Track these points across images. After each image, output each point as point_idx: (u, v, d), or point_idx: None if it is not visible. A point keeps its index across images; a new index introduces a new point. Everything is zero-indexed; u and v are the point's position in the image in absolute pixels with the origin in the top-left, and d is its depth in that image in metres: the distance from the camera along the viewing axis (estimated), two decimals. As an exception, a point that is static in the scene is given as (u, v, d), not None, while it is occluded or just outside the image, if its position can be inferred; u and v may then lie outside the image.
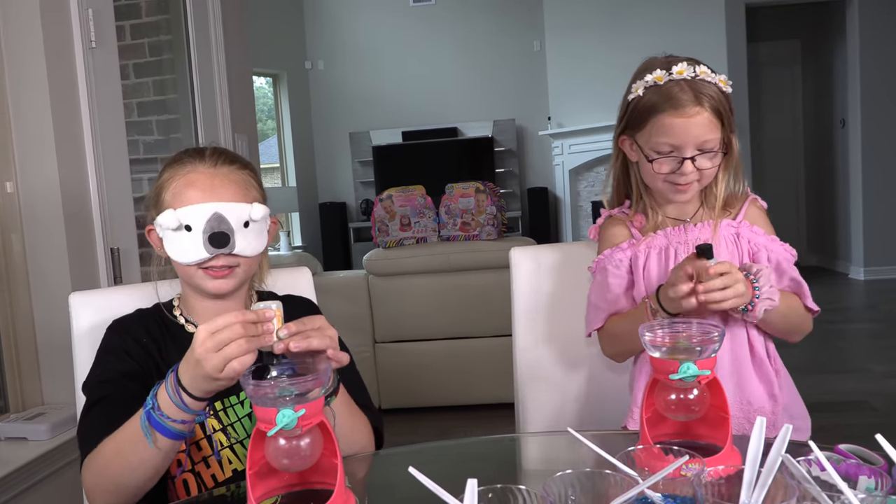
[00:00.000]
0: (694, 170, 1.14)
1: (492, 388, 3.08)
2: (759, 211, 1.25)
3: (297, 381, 0.76)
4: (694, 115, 1.12)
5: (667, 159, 1.15)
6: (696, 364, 0.82)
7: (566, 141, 6.62)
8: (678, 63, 1.14)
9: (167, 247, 1.06)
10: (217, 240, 1.03)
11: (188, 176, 1.06)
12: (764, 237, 1.21)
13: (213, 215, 1.03)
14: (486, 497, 0.67)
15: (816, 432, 1.20)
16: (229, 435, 1.07)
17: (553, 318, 1.41)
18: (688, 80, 1.13)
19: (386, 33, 7.38)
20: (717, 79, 1.14)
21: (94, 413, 1.01)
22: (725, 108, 1.15)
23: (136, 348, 1.07)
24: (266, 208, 1.09)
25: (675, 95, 1.12)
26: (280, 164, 7.40)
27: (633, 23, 5.86)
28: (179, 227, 1.03)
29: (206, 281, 1.06)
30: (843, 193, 6.22)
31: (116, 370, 1.04)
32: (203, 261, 1.04)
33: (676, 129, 1.13)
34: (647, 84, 1.16)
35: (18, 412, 1.83)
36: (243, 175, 1.10)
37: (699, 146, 1.14)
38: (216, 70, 2.76)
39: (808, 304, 1.21)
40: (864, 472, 0.70)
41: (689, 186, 1.17)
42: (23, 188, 1.85)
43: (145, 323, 1.12)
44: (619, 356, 1.28)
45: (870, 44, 5.65)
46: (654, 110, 1.14)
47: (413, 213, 3.29)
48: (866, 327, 4.61)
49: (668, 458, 0.75)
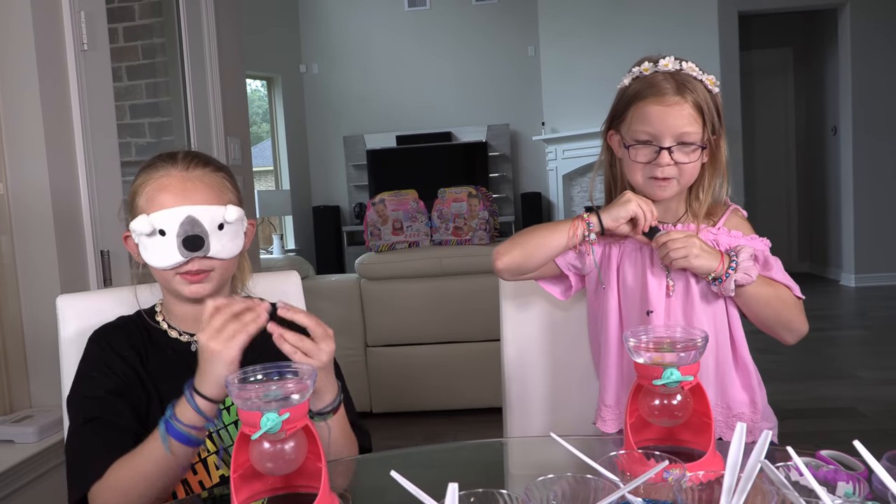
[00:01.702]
0: (671, 162, 1.15)
1: (483, 392, 3.08)
2: (741, 219, 1.26)
3: (282, 385, 0.77)
4: (673, 104, 1.13)
5: (644, 148, 1.16)
6: (679, 370, 0.83)
7: (560, 146, 6.64)
8: (666, 57, 1.17)
9: (143, 252, 1.06)
10: (191, 243, 1.03)
11: (160, 180, 1.05)
12: (743, 238, 1.20)
13: (185, 218, 1.03)
14: (469, 501, 0.67)
15: (805, 438, 1.21)
16: (215, 441, 1.08)
17: (540, 322, 1.42)
18: (672, 72, 1.15)
19: (381, 38, 7.40)
20: (705, 77, 1.16)
21: (86, 434, 1.01)
22: (710, 106, 1.15)
23: (117, 362, 1.06)
24: (241, 210, 1.09)
25: (657, 84, 1.15)
26: (274, 167, 7.40)
27: (626, 29, 5.90)
28: (153, 232, 1.03)
29: (183, 286, 1.06)
30: (834, 201, 6.25)
31: (102, 387, 1.04)
32: (178, 265, 1.04)
33: (655, 116, 1.14)
34: (634, 75, 1.18)
35: (6, 414, 1.82)
36: (217, 178, 1.09)
37: (678, 138, 1.14)
38: (209, 73, 2.76)
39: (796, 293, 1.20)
40: (843, 477, 0.70)
41: (668, 183, 1.17)
42: (13, 190, 1.85)
43: (127, 332, 1.11)
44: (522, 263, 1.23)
45: (861, 52, 5.70)
46: (637, 98, 1.17)
47: (405, 218, 3.30)
48: (856, 334, 4.64)
49: (650, 463, 0.75)
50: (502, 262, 1.23)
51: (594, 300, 1.28)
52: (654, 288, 1.19)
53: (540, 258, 1.22)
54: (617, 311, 1.23)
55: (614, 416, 1.24)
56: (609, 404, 1.24)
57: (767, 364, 1.34)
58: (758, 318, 1.19)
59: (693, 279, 1.18)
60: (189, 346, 1.10)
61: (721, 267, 1.12)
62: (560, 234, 1.19)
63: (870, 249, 5.87)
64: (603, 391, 1.25)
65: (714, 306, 1.19)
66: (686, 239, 1.12)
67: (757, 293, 1.14)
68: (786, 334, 1.20)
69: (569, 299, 1.31)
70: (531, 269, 1.24)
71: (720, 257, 1.13)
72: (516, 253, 1.22)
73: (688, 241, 1.12)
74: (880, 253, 5.86)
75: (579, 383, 1.38)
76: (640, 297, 1.20)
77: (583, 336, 1.36)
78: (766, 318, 1.18)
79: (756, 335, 1.27)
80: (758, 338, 1.32)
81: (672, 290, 1.18)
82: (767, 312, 1.17)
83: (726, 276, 1.11)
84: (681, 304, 1.19)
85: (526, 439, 1.32)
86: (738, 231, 1.22)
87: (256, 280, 1.27)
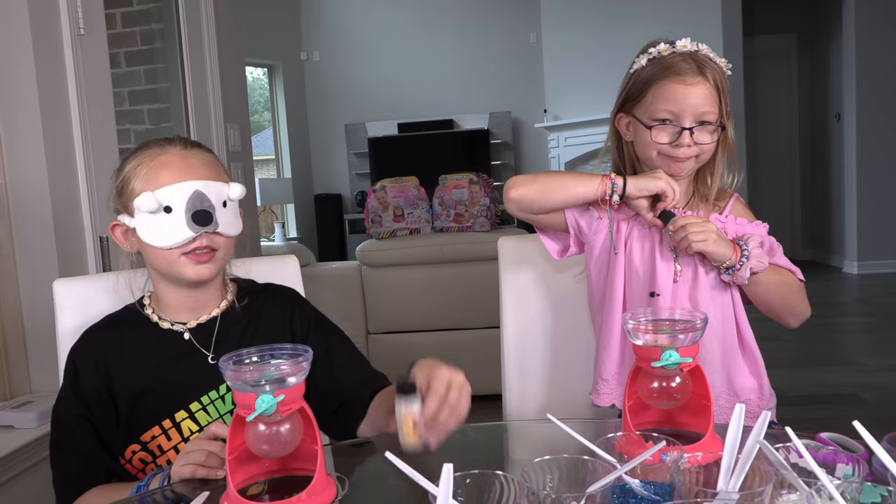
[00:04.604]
0: (692, 143, 1.15)
1: (484, 379, 3.07)
2: (743, 206, 1.26)
3: (277, 367, 0.76)
4: (695, 83, 1.13)
5: (665, 127, 1.16)
6: (678, 352, 0.82)
7: (562, 133, 6.60)
8: (683, 39, 1.17)
9: (144, 234, 1.03)
10: (200, 218, 1.01)
11: (159, 158, 1.04)
12: (749, 225, 1.21)
13: (194, 193, 1.01)
14: (465, 483, 0.67)
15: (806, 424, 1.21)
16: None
17: (540, 306, 1.41)
18: (691, 53, 1.15)
19: (382, 25, 7.35)
20: (719, 60, 1.17)
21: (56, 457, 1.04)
22: (724, 88, 1.16)
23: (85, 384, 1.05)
24: (243, 187, 1.07)
25: (677, 64, 1.15)
26: (275, 155, 7.38)
27: (629, 15, 5.84)
28: (158, 210, 1.00)
29: (188, 267, 1.04)
30: (837, 188, 6.22)
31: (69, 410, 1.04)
32: (187, 241, 1.01)
33: (677, 94, 1.14)
34: (651, 56, 1.18)
35: (5, 400, 1.82)
36: (214, 158, 1.09)
37: (698, 117, 1.14)
38: (208, 59, 2.75)
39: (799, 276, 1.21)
40: (843, 459, 0.70)
41: (687, 162, 1.17)
42: (10, 177, 1.84)
43: (109, 335, 1.09)
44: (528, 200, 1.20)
45: (865, 38, 5.65)
46: (656, 78, 1.16)
47: (406, 205, 3.29)
48: (859, 321, 4.62)
49: (647, 445, 0.75)
50: (517, 192, 1.19)
51: (596, 275, 1.27)
52: (662, 271, 1.18)
53: (557, 200, 1.20)
54: (622, 288, 1.22)
55: (611, 389, 1.23)
56: (607, 378, 1.23)
57: (770, 351, 1.33)
58: (765, 303, 1.19)
59: (701, 267, 1.17)
60: (181, 335, 1.09)
61: (735, 255, 1.12)
62: (586, 185, 1.17)
63: (873, 236, 5.84)
64: (601, 366, 1.24)
65: (720, 294, 1.19)
66: (704, 223, 1.12)
67: (767, 280, 1.15)
68: (790, 318, 1.21)
69: (562, 259, 1.30)
70: (544, 208, 1.21)
71: (733, 246, 1.13)
72: (536, 187, 1.19)
73: (706, 226, 1.12)
74: (883, 240, 5.83)
75: (578, 369, 1.38)
76: (645, 278, 1.20)
77: (582, 322, 1.35)
78: (773, 303, 1.19)
79: (757, 322, 1.27)
80: (760, 325, 1.31)
81: (679, 275, 1.18)
82: (775, 298, 1.18)
83: (740, 265, 1.12)
84: (687, 290, 1.18)
85: (524, 423, 1.32)
86: (743, 218, 1.22)
87: (254, 265, 1.26)
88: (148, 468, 1.05)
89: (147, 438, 1.05)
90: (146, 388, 1.05)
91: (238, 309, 1.12)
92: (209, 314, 1.10)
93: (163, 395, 1.05)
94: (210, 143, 2.75)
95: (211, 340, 1.08)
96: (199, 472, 0.89)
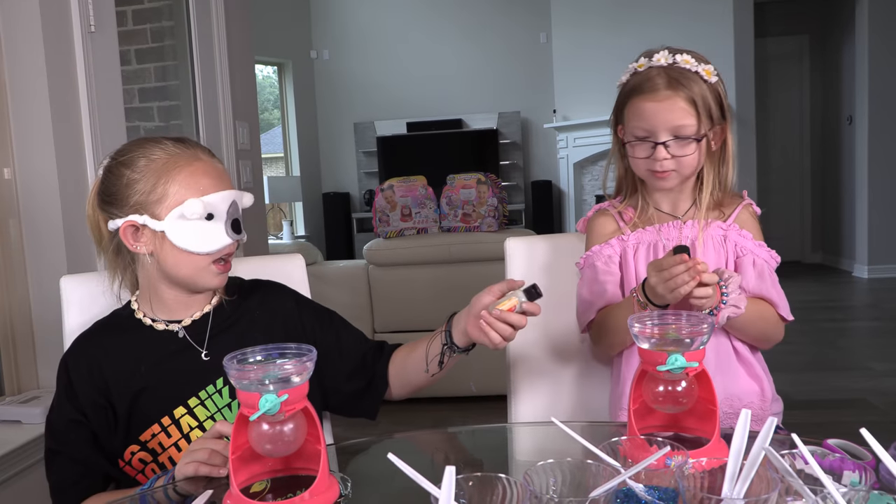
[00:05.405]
0: (668, 156, 1.14)
1: (489, 380, 3.07)
2: (751, 216, 1.24)
3: (281, 366, 0.76)
4: (664, 99, 1.13)
5: (641, 144, 1.16)
6: (684, 356, 0.82)
7: (571, 134, 6.59)
8: (661, 51, 1.16)
9: (178, 238, 1.02)
10: (236, 227, 1.06)
11: (195, 165, 1.04)
12: (751, 242, 1.20)
13: (232, 202, 1.06)
14: (467, 485, 0.67)
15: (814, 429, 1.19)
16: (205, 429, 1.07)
17: (546, 307, 1.40)
18: (664, 67, 1.14)
19: (392, 24, 7.36)
20: (701, 68, 1.14)
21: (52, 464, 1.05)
22: (705, 98, 1.13)
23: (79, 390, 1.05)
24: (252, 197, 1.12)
25: (650, 79, 1.14)
26: (284, 153, 7.40)
27: (639, 16, 5.83)
28: (201, 217, 1.02)
29: (214, 276, 1.07)
30: (848, 191, 6.18)
31: (64, 416, 1.04)
32: (224, 248, 1.05)
33: (648, 112, 1.14)
34: (631, 71, 1.18)
35: (13, 395, 1.83)
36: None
37: (673, 131, 1.14)
38: (217, 57, 2.75)
39: (782, 312, 1.19)
40: (850, 466, 0.69)
41: (668, 174, 1.17)
42: (20, 173, 1.85)
43: (101, 340, 1.09)
44: (610, 348, 1.27)
45: (878, 40, 5.61)
46: (631, 94, 1.17)
47: (414, 204, 3.28)
48: (869, 325, 4.59)
49: (652, 450, 0.74)
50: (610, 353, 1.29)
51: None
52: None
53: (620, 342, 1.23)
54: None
55: None
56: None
57: (777, 355, 1.33)
58: (740, 333, 1.19)
59: None
60: (175, 334, 1.09)
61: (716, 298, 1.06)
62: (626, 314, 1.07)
63: (883, 240, 5.80)
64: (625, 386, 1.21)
65: None
66: (715, 290, 1.05)
67: (743, 318, 1.12)
68: (762, 345, 1.22)
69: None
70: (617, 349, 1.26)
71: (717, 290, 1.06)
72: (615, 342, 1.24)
73: (716, 292, 1.05)
74: (894, 244, 5.79)
75: (584, 372, 1.37)
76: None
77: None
78: (748, 334, 1.19)
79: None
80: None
81: None
82: (751, 331, 1.18)
83: (717, 309, 1.07)
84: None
85: (528, 425, 1.32)
86: (748, 232, 1.20)
87: (261, 263, 1.27)
88: (148, 468, 1.05)
89: (147, 437, 1.05)
90: (143, 388, 1.05)
91: (227, 305, 1.13)
92: (202, 310, 1.11)
93: (160, 393, 1.05)
94: (219, 140, 2.76)
95: (204, 337, 1.09)
96: (202, 469, 0.89)
